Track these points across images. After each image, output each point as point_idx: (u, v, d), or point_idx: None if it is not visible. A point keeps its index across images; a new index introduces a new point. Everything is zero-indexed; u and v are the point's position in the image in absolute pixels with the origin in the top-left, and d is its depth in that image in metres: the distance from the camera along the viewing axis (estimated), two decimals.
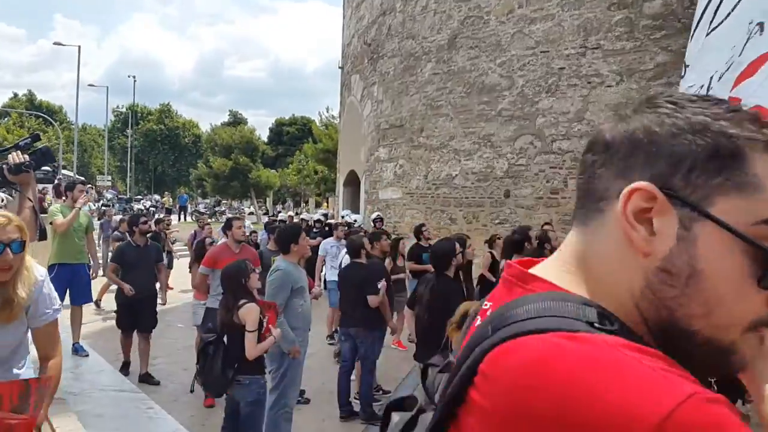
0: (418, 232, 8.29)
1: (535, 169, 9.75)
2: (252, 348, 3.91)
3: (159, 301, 6.88)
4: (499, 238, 7.07)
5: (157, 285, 6.83)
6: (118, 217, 13.82)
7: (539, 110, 9.75)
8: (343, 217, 12.02)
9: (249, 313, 3.92)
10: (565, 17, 9.53)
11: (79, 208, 6.53)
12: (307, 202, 45.18)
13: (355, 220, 11.25)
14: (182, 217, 34.04)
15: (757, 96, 3.79)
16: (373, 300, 5.56)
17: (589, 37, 9.31)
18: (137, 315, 6.47)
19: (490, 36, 10.45)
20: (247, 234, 8.51)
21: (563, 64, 9.54)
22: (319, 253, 8.93)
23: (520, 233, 5.59)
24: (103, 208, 16.78)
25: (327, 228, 11.21)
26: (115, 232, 11.13)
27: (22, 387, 2.15)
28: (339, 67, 17.89)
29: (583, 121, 9.31)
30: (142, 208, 31.58)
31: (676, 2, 8.52)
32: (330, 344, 7.91)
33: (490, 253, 7.14)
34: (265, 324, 4.02)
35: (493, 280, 6.46)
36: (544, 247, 5.90)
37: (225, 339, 4.01)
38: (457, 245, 4.56)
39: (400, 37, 12.47)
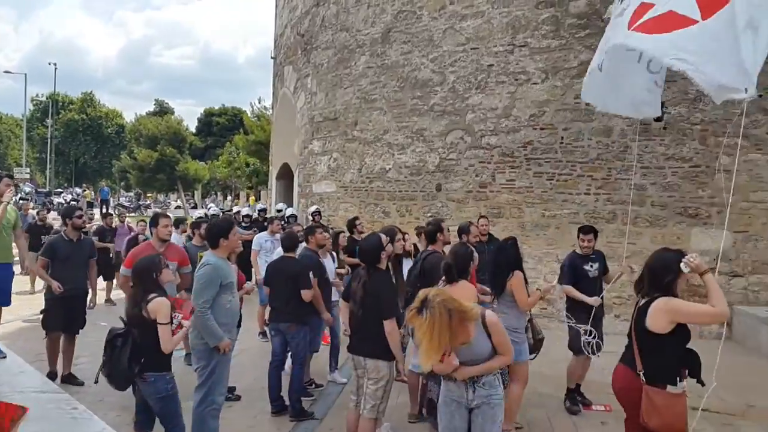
0: (352, 225, 8.30)
1: (465, 164, 9.97)
2: (168, 341, 3.84)
3: (89, 303, 6.54)
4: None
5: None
6: (35, 212, 13.11)
7: (469, 106, 9.96)
8: (279, 210, 11.86)
9: (159, 306, 3.85)
10: (495, 15, 9.76)
11: (7, 203, 6.14)
12: (238, 196, 44.30)
13: (294, 215, 11.15)
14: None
15: (673, 2, 4.16)
16: (306, 294, 5.54)
17: (517, 35, 9.58)
18: (67, 315, 6.16)
19: (422, 31, 10.56)
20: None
21: (492, 61, 9.77)
22: (253, 247, 8.81)
23: (433, 224, 5.72)
24: (21, 202, 15.88)
25: (264, 222, 11.07)
26: (56, 227, 10.68)
27: (19, 412, 2.03)
28: (271, 57, 17.62)
29: (510, 117, 9.58)
30: (63, 201, 30.11)
31: (600, 2, 8.88)
32: (264, 341, 7.82)
33: (414, 244, 7.26)
34: (176, 322, 3.95)
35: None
36: (461, 238, 6.07)
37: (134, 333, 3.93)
38: (384, 237, 4.58)
39: (334, 29, 12.42)
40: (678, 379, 3.33)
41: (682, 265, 3.35)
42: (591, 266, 5.71)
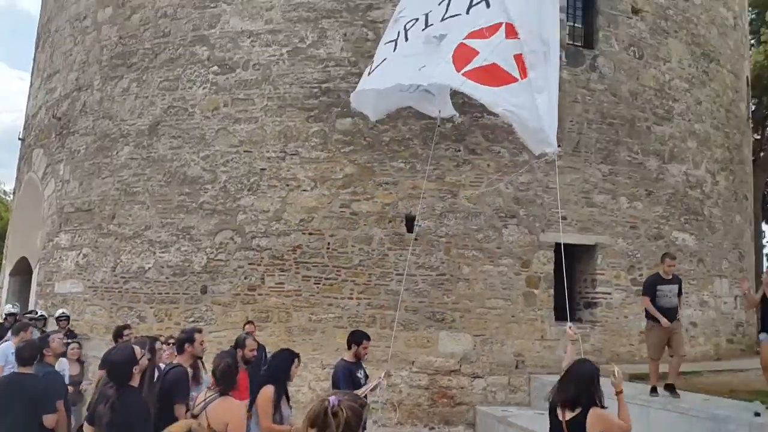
0: (119, 335, 7.37)
1: (234, 265, 9.78)
2: None
3: None
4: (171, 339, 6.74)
5: None
6: None
7: (241, 207, 9.94)
8: (12, 314, 10.12)
9: None
10: (268, 122, 10.10)
11: None
12: None
13: (43, 315, 9.56)
14: None
15: (495, 55, 4.93)
16: (50, 420, 4.74)
17: (289, 144, 9.99)
18: None
19: (194, 128, 10.45)
20: None
21: (265, 165, 9.99)
22: None
23: (186, 333, 5.40)
24: None
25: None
26: None
27: None
28: (19, 139, 15.80)
29: (281, 221, 9.78)
30: None
31: (363, 123, 9.75)
32: None
33: None
34: None
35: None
36: (236, 351, 5.86)
37: None
38: (138, 349, 4.19)
39: (96, 115, 11.67)
40: None
41: (612, 379, 4.15)
42: (360, 373, 5.95)
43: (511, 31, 5.09)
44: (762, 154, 20.52)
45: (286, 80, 10.14)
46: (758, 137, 20.59)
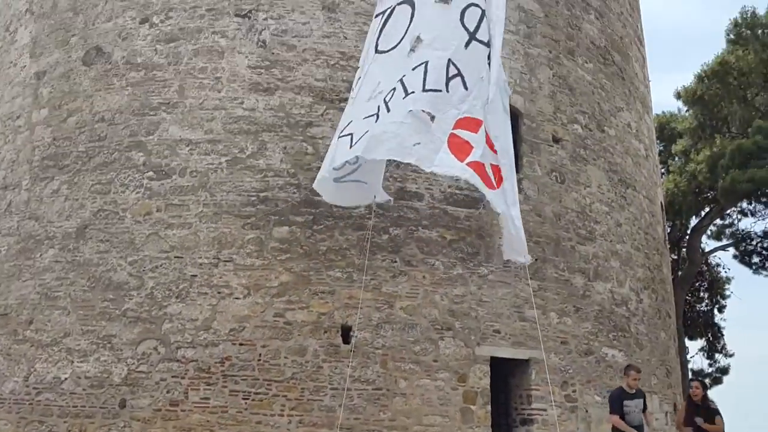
0: None
1: (156, 377, 9.22)
2: None
3: None
4: None
5: None
6: None
7: (167, 315, 9.55)
8: None
9: None
10: (202, 228, 9.97)
11: None
12: None
13: None
14: None
15: (484, 156, 5.17)
16: None
17: (223, 250, 9.84)
18: None
19: (123, 233, 10.17)
20: None
21: (196, 272, 9.74)
22: None
23: None
24: None
25: None
26: None
27: None
28: None
29: (210, 330, 9.41)
30: None
31: (300, 231, 9.81)
32: None
33: None
34: None
35: None
36: None
37: None
38: None
39: (22, 216, 11.24)
40: None
41: None
42: None
43: (489, 141, 5.52)
44: (680, 273, 21.81)
45: (224, 188, 10.16)
46: (675, 257, 21.98)
